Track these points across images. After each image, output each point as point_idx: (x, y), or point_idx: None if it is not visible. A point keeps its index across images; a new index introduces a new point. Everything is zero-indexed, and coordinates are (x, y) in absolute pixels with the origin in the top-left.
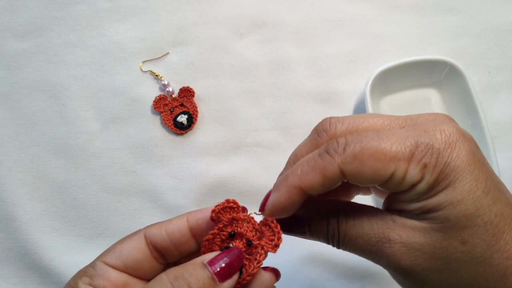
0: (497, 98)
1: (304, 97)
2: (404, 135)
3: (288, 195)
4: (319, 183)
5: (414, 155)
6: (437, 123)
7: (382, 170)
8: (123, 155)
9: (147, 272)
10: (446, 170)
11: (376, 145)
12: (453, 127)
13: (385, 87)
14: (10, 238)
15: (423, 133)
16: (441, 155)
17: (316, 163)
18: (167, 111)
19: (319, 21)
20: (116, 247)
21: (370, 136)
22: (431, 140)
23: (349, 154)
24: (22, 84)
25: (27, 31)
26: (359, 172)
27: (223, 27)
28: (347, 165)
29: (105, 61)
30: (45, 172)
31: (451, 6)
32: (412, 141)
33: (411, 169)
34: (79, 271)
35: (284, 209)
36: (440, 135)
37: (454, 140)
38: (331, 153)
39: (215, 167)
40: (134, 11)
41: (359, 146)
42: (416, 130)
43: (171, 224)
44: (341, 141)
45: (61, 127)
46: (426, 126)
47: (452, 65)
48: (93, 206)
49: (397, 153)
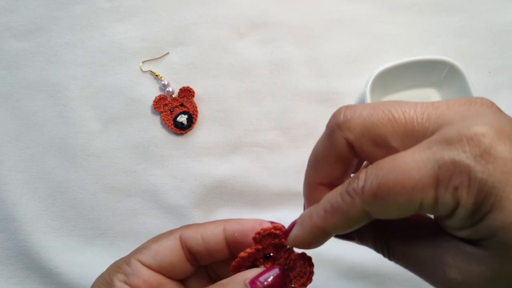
0: (497, 98)
1: (304, 97)
2: (424, 155)
3: (312, 235)
4: (344, 225)
5: (439, 178)
6: (467, 124)
7: (407, 203)
8: (123, 155)
9: (180, 273)
10: (484, 189)
11: (394, 178)
12: (486, 126)
13: (385, 87)
14: (10, 238)
15: (446, 146)
16: (472, 172)
17: (338, 205)
18: (167, 111)
19: (319, 21)
20: (152, 246)
21: (386, 167)
22: (458, 155)
23: (368, 193)
24: (22, 84)
25: (27, 31)
26: (384, 210)
27: (223, 27)
28: (369, 206)
29: (105, 61)
30: (45, 172)
31: (451, 6)
32: (433, 162)
33: (441, 195)
34: (114, 266)
35: (307, 245)
36: (468, 145)
37: (487, 146)
38: (352, 194)
39: (215, 167)
40: (134, 11)
41: (376, 182)
42: (438, 143)
43: (208, 230)
44: (361, 177)
45: (61, 127)
46: (450, 134)
47: (452, 65)
48: (93, 206)
49: (418, 182)
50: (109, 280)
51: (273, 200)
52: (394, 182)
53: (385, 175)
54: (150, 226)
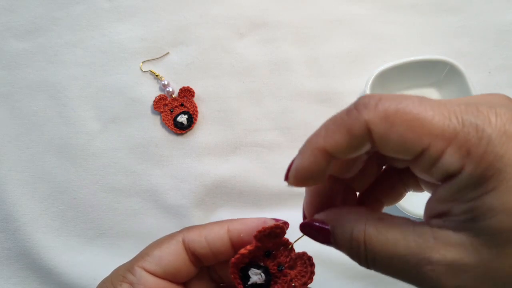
0: None
1: (304, 97)
2: (452, 109)
3: (313, 159)
4: (345, 143)
5: (457, 135)
6: (495, 104)
7: (413, 141)
8: (123, 155)
9: (184, 277)
10: (497, 165)
11: (416, 112)
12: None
13: (385, 87)
14: (10, 238)
15: (475, 111)
16: (492, 144)
17: (342, 121)
18: (167, 111)
19: (319, 21)
20: (155, 253)
21: (411, 100)
22: (484, 122)
23: (381, 112)
24: (22, 84)
25: (27, 31)
26: (386, 136)
27: (223, 27)
28: (375, 124)
29: (105, 61)
30: (45, 172)
31: (451, 6)
32: (459, 118)
33: (449, 152)
34: (116, 275)
35: (309, 175)
36: (496, 118)
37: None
38: (360, 108)
39: (215, 167)
40: (134, 11)
41: (394, 106)
42: (468, 106)
43: (212, 232)
44: (375, 96)
45: (61, 127)
46: (480, 104)
47: (452, 65)
48: (93, 206)
49: (436, 127)
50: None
51: (273, 200)
52: (414, 116)
53: (408, 105)
54: (150, 226)
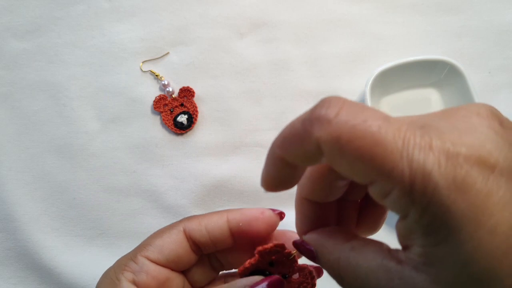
0: (497, 98)
1: (304, 97)
2: (408, 141)
3: (276, 167)
4: (300, 155)
5: (404, 179)
6: (453, 137)
7: (361, 172)
8: (123, 155)
9: (185, 264)
10: (443, 217)
11: (369, 141)
12: (472, 147)
13: (385, 87)
14: (10, 238)
15: (428, 147)
16: (438, 193)
17: (296, 132)
18: (167, 111)
19: (319, 21)
20: (156, 242)
21: (372, 120)
22: (433, 166)
23: (332, 133)
24: (22, 84)
25: (27, 31)
26: (335, 159)
27: (223, 27)
28: (325, 145)
29: (105, 61)
30: (45, 172)
31: (451, 6)
32: (410, 156)
33: (395, 195)
34: (119, 264)
35: (277, 182)
36: (446, 161)
37: (465, 172)
38: (313, 122)
39: (215, 167)
40: (134, 11)
41: (349, 127)
42: (426, 136)
43: (211, 222)
44: (335, 106)
45: (61, 127)
46: (440, 136)
47: (452, 65)
48: (93, 206)
49: (385, 166)
50: (115, 280)
51: (273, 200)
52: (367, 146)
53: (365, 129)
54: (150, 226)
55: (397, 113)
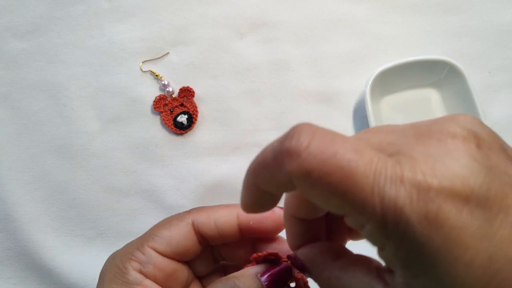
0: (497, 98)
1: (304, 97)
2: (380, 170)
3: (251, 194)
4: (274, 186)
5: (375, 214)
6: (424, 168)
7: (334, 205)
8: (123, 155)
9: (191, 256)
10: (417, 253)
11: (340, 174)
12: (446, 178)
13: (385, 87)
14: (10, 238)
15: (399, 179)
16: (410, 230)
17: (268, 163)
18: (167, 111)
19: (319, 21)
20: (165, 233)
21: (343, 150)
22: (404, 200)
23: (303, 167)
24: (22, 84)
25: (27, 31)
26: (308, 193)
27: (223, 27)
28: (297, 179)
29: (105, 61)
30: (45, 172)
31: (451, 6)
32: (381, 189)
33: (369, 229)
34: (126, 253)
35: (256, 206)
36: (417, 195)
37: (437, 207)
38: (284, 156)
39: (215, 167)
40: (134, 11)
41: (320, 160)
42: (398, 165)
43: (222, 217)
44: (305, 137)
45: (61, 127)
46: (413, 163)
47: (452, 65)
48: (93, 206)
49: (357, 201)
50: (122, 268)
51: None
52: (338, 180)
53: (335, 161)
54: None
55: (397, 113)
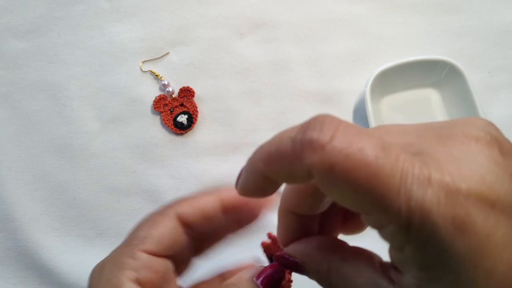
0: (497, 98)
1: (304, 97)
2: (406, 172)
3: (254, 180)
4: (287, 177)
5: (400, 217)
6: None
7: (355, 204)
8: (123, 155)
9: (181, 249)
10: (441, 258)
11: (365, 172)
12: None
13: (385, 87)
14: (10, 238)
15: (427, 181)
16: (436, 234)
17: (285, 154)
18: (167, 111)
19: (319, 21)
20: (153, 233)
21: (370, 146)
22: (431, 203)
23: (326, 161)
24: (22, 84)
25: (27, 31)
26: (327, 188)
27: (223, 27)
28: (317, 173)
29: (105, 61)
30: (45, 172)
31: (451, 6)
32: (408, 191)
33: (391, 229)
34: (114, 262)
35: (255, 192)
36: (445, 197)
37: (465, 212)
38: (305, 147)
39: (215, 167)
40: (134, 11)
41: (344, 155)
42: (425, 168)
43: (205, 204)
44: (329, 129)
45: (61, 127)
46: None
47: (452, 65)
48: (93, 206)
49: (381, 202)
50: (115, 280)
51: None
52: (362, 177)
53: (361, 157)
54: None
55: (397, 113)
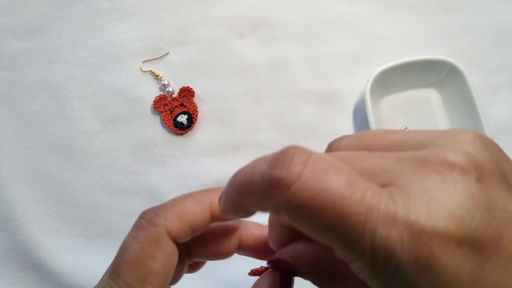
0: (497, 98)
1: (304, 97)
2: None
3: (232, 209)
4: (258, 209)
5: (365, 255)
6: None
7: (323, 240)
8: (123, 155)
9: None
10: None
11: (332, 210)
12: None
13: (385, 87)
14: (10, 238)
15: (391, 219)
16: (399, 275)
17: (254, 186)
18: (167, 111)
19: (319, 21)
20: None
21: (336, 181)
22: (394, 242)
23: (292, 201)
24: (22, 84)
25: (27, 31)
26: (296, 225)
27: (223, 27)
28: (285, 212)
29: (105, 61)
30: (45, 172)
31: (451, 6)
32: (372, 229)
33: (358, 265)
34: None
35: (236, 215)
36: (409, 238)
37: (428, 251)
38: (273, 185)
39: (215, 167)
40: (134, 11)
41: (311, 193)
42: (392, 201)
43: (196, 218)
44: (297, 165)
45: (61, 127)
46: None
47: (452, 65)
48: (93, 206)
49: (347, 240)
50: None
51: None
52: (329, 216)
53: (327, 195)
54: None
55: (397, 113)
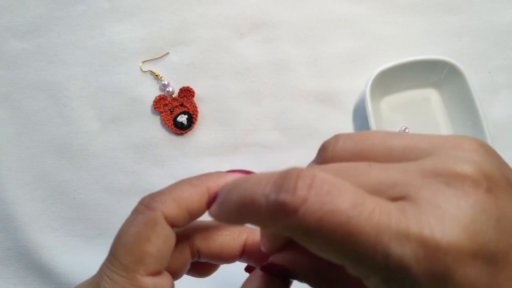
0: (497, 98)
1: (304, 97)
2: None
3: (228, 219)
4: (260, 227)
5: (380, 272)
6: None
7: (334, 258)
8: (123, 155)
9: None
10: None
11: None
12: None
13: (385, 87)
14: (10, 238)
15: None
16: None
17: (258, 208)
18: (167, 111)
19: (319, 21)
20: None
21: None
22: (409, 259)
23: (301, 222)
24: (22, 84)
25: (27, 31)
26: (306, 245)
27: (223, 27)
28: (294, 233)
29: (105, 61)
30: (45, 172)
31: (451, 6)
32: (385, 245)
33: (373, 281)
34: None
35: (228, 224)
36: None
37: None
38: (279, 208)
39: (215, 167)
40: (134, 11)
41: (320, 214)
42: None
43: (193, 202)
44: (300, 188)
45: (61, 127)
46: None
47: (452, 65)
48: (93, 206)
49: (358, 258)
50: None
51: None
52: (340, 234)
53: (336, 214)
54: None
55: (397, 113)
